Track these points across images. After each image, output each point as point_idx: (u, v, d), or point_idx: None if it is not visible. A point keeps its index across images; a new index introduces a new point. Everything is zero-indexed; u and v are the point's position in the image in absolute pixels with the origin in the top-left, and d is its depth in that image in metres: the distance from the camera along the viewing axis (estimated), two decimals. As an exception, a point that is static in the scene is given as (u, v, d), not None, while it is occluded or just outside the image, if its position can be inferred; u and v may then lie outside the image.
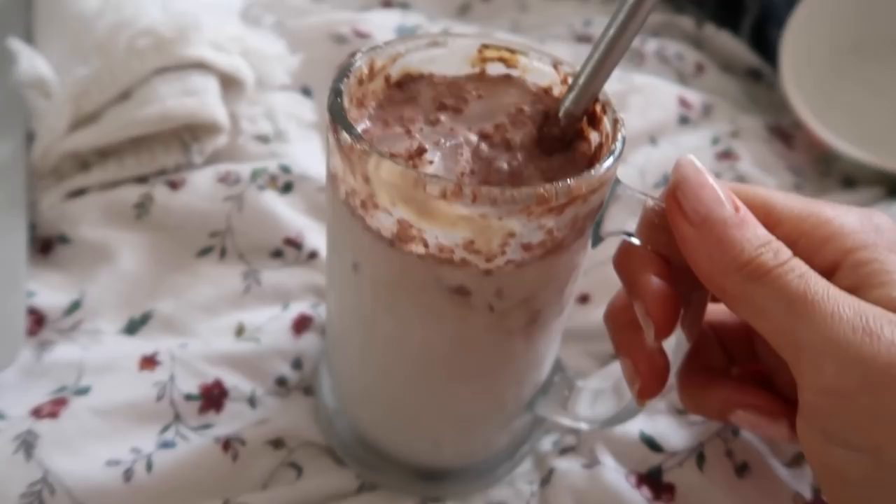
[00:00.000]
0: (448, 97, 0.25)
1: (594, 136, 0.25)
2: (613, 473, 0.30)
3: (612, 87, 0.49)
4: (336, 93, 0.23)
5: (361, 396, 0.30)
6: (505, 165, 0.23)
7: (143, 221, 0.38)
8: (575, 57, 0.50)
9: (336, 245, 0.25)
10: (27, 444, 0.29)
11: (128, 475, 0.29)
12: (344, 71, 0.24)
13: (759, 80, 0.53)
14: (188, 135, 0.39)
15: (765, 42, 0.52)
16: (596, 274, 0.37)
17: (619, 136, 0.23)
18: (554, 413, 0.29)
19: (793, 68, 0.46)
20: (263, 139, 0.41)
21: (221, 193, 0.38)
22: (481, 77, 0.27)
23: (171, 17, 0.39)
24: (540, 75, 0.26)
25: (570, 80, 0.25)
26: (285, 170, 0.39)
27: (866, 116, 0.48)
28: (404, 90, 0.26)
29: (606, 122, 0.24)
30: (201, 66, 0.39)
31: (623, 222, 0.24)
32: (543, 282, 0.23)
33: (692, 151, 0.45)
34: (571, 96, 0.24)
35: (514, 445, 0.31)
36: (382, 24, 0.45)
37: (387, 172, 0.20)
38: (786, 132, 0.48)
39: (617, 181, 0.23)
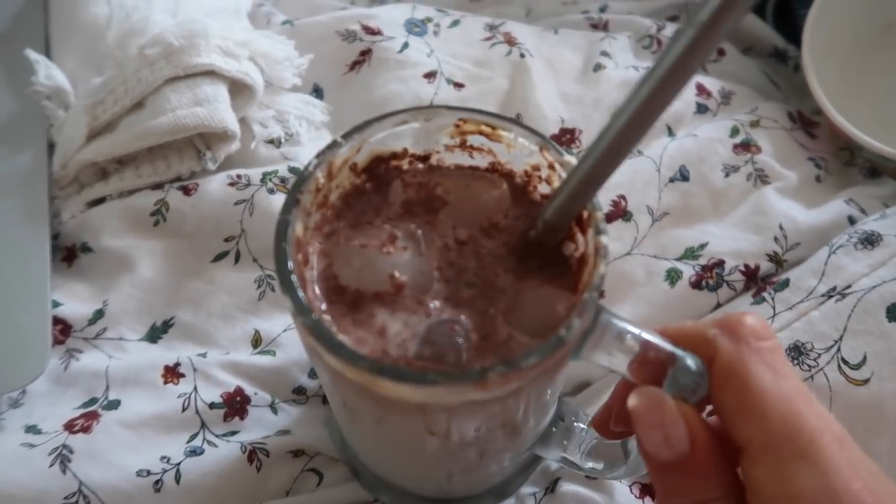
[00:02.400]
0: (417, 206, 0.24)
1: (580, 239, 0.23)
2: (617, 484, 0.31)
3: (628, 74, 0.48)
4: (282, 229, 0.20)
5: (364, 454, 0.31)
6: (474, 278, 0.22)
7: (161, 228, 0.39)
8: (590, 47, 0.48)
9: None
10: (63, 458, 0.31)
11: (158, 485, 0.31)
12: (294, 192, 0.22)
13: (783, 62, 0.51)
14: (201, 143, 0.39)
15: (790, 20, 0.50)
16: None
17: (597, 275, 0.20)
18: (554, 458, 0.29)
19: (815, 54, 0.44)
20: (275, 143, 0.41)
21: (233, 197, 0.38)
22: (458, 168, 0.25)
23: (180, 24, 0.39)
24: (525, 153, 0.25)
25: (556, 167, 0.24)
26: (295, 172, 0.40)
27: (892, 104, 0.47)
28: (373, 179, 0.25)
29: (591, 238, 0.22)
30: (211, 73, 0.39)
31: (607, 352, 0.22)
32: (524, 405, 0.22)
33: (710, 142, 0.44)
34: (552, 207, 0.22)
35: (524, 467, 0.31)
36: (391, 20, 0.44)
37: (327, 357, 0.19)
38: (809, 119, 0.47)
39: (599, 310, 0.21)
